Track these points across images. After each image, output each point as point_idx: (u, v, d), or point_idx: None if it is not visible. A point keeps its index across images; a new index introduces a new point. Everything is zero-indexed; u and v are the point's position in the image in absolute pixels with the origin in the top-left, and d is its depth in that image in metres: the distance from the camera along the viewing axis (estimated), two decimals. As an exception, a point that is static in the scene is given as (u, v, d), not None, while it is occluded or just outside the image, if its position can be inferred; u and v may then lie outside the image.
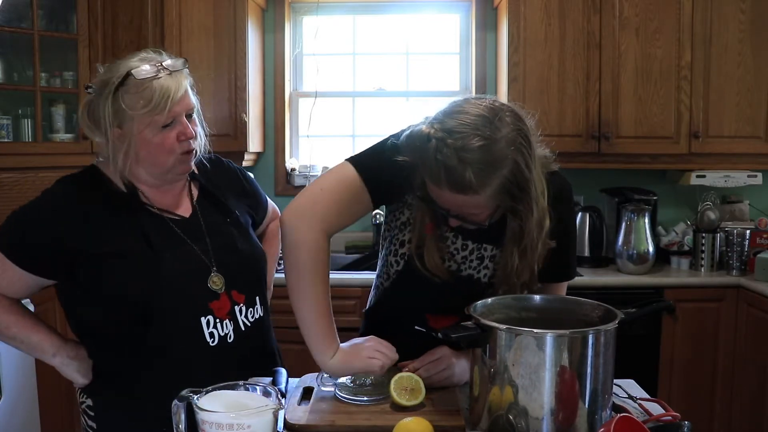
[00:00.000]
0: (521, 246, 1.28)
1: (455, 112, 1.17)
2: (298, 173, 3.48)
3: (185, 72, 1.37)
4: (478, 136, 1.13)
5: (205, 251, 1.39)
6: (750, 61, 3.01)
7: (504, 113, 1.18)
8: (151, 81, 1.29)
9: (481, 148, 1.13)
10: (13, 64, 2.96)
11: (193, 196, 1.47)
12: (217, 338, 1.35)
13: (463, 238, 1.38)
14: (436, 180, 1.17)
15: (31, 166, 2.81)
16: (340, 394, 1.31)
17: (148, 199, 1.39)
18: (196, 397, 0.99)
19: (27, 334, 1.36)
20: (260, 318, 1.45)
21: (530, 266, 1.31)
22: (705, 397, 2.91)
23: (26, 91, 2.91)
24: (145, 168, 1.37)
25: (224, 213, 1.47)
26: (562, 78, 3.01)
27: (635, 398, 1.35)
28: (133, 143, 1.32)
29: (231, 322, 1.38)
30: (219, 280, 1.38)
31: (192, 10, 3.03)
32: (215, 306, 1.36)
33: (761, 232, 3.00)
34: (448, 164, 1.13)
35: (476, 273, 1.40)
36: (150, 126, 1.30)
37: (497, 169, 1.15)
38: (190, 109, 1.36)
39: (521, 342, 1.09)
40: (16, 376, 2.42)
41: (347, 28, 3.61)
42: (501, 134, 1.15)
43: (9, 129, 2.87)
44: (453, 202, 1.20)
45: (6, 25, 2.83)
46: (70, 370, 1.39)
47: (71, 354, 1.38)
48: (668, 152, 3.05)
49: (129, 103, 1.28)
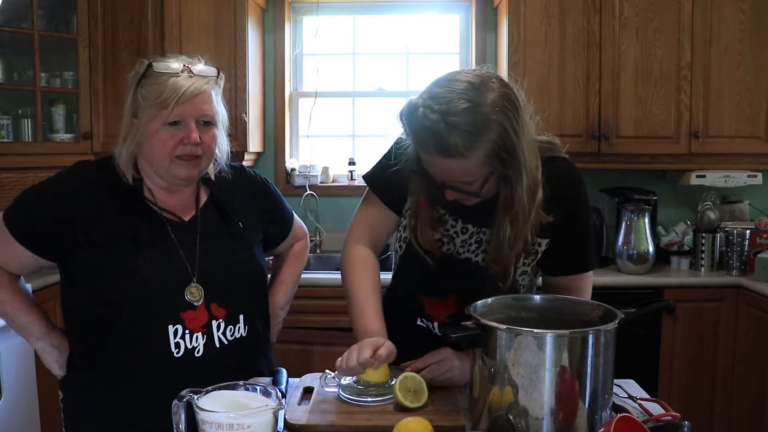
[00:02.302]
0: (512, 212, 1.28)
1: (444, 81, 1.20)
2: (298, 173, 3.48)
3: (212, 80, 1.36)
4: (463, 99, 1.15)
5: (191, 259, 1.36)
6: (750, 61, 3.01)
7: (491, 80, 1.20)
8: (168, 77, 1.31)
9: (466, 111, 1.15)
10: (13, 64, 2.96)
11: (200, 202, 1.45)
12: (183, 350, 1.32)
13: (463, 221, 1.39)
14: (425, 147, 1.19)
15: (31, 166, 2.81)
16: (344, 394, 1.31)
17: (153, 196, 1.39)
18: (196, 397, 0.99)
19: (19, 314, 1.41)
20: (242, 338, 1.40)
21: (523, 235, 1.30)
22: (705, 397, 2.91)
23: (26, 91, 2.91)
24: (148, 164, 1.37)
25: (227, 223, 1.44)
26: (562, 78, 3.01)
27: (635, 398, 1.35)
28: (139, 133, 1.33)
29: (204, 336, 1.34)
30: (197, 291, 1.35)
31: (192, 10, 3.03)
32: (188, 316, 1.33)
33: (761, 232, 3.00)
34: (434, 129, 1.15)
35: (474, 257, 1.40)
36: (156, 119, 1.31)
37: (483, 133, 1.16)
38: (203, 114, 1.33)
39: (521, 342, 1.09)
40: (16, 376, 2.42)
41: (347, 28, 3.61)
42: (487, 98, 1.17)
43: (9, 129, 2.87)
44: (444, 170, 1.21)
45: (6, 25, 2.83)
46: (49, 358, 1.43)
47: (54, 342, 1.42)
48: (668, 152, 3.05)
49: (144, 94, 1.32)
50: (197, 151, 1.34)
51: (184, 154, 1.33)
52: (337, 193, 3.49)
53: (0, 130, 2.84)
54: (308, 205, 3.48)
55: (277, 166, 3.52)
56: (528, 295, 1.33)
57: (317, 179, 3.49)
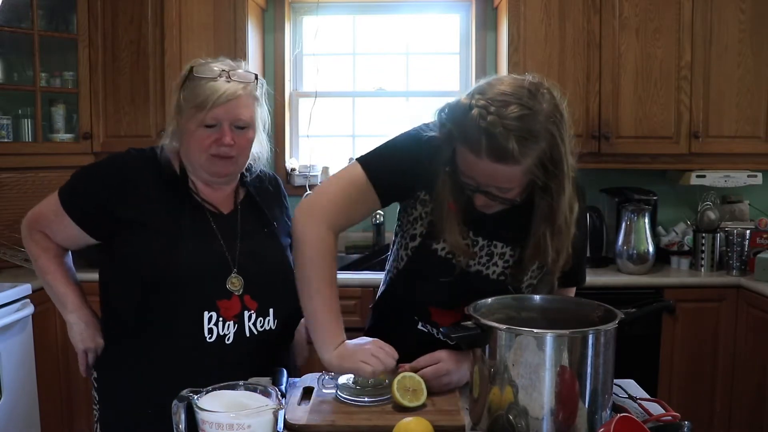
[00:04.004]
0: (555, 226, 1.27)
1: (496, 84, 1.19)
2: (298, 173, 3.48)
3: (250, 85, 1.41)
4: (521, 105, 1.14)
5: (231, 250, 1.43)
6: (750, 61, 3.01)
7: (543, 88, 1.20)
8: (207, 81, 1.37)
9: (524, 118, 1.14)
10: (13, 64, 2.96)
11: (239, 198, 1.52)
12: (215, 336, 1.37)
13: (473, 234, 1.38)
14: (477, 148, 1.16)
15: (31, 166, 2.82)
16: (341, 395, 1.31)
17: (196, 188, 1.47)
18: (196, 397, 0.99)
19: (57, 284, 1.49)
20: (270, 330, 1.44)
21: (567, 249, 1.31)
22: (705, 397, 2.91)
23: (26, 91, 2.92)
24: (186, 159, 1.46)
25: (263, 222, 1.51)
26: (562, 78, 3.01)
27: (635, 398, 1.35)
28: (180, 131, 1.43)
29: (236, 325, 1.39)
30: (238, 281, 1.41)
31: (192, 9, 3.03)
32: (223, 305, 1.38)
33: (761, 232, 3.00)
34: (491, 131, 1.13)
35: (485, 269, 1.39)
36: (193, 120, 1.38)
37: (537, 141, 1.16)
38: (237, 119, 1.39)
39: (521, 342, 1.09)
40: (16, 376, 2.42)
41: (347, 28, 3.61)
42: (541, 106, 1.16)
43: (9, 129, 2.88)
44: (488, 173, 1.19)
45: (6, 25, 2.83)
46: (77, 330, 1.48)
47: (84, 318, 1.49)
48: (668, 152, 3.05)
49: (186, 96, 1.40)
50: (231, 152, 1.41)
51: (216, 153, 1.40)
52: (337, 193, 3.48)
53: (0, 130, 2.84)
54: (308, 205, 3.47)
55: (277, 166, 3.51)
56: (528, 295, 1.33)
57: (317, 179, 3.49)
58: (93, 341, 1.48)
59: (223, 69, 1.39)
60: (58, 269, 1.49)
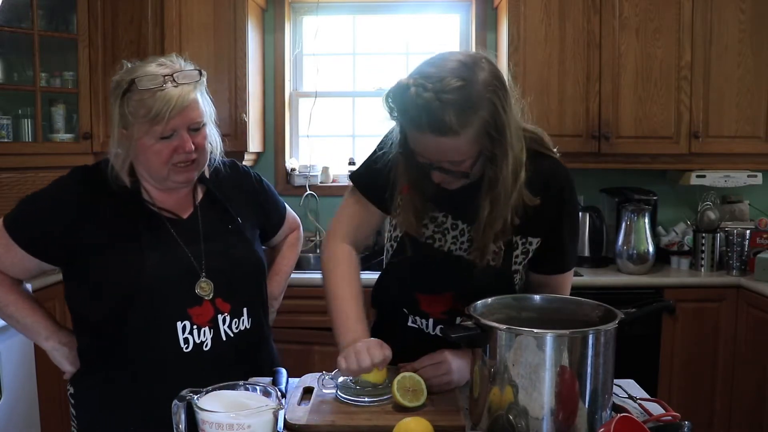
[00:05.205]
0: (494, 192, 1.27)
1: (434, 61, 1.22)
2: (298, 173, 3.48)
3: (197, 84, 1.36)
4: (456, 77, 1.16)
5: (197, 255, 1.40)
6: (750, 61, 3.01)
7: (481, 60, 1.22)
8: (155, 92, 1.30)
9: (460, 89, 1.15)
10: (13, 64, 2.96)
11: (197, 199, 1.47)
12: (192, 345, 1.35)
13: (453, 217, 1.39)
14: (418, 125, 1.18)
15: (31, 166, 2.82)
16: (341, 395, 1.31)
17: (150, 197, 1.42)
18: (196, 397, 0.99)
19: (23, 314, 1.42)
20: (246, 330, 1.44)
21: (503, 216, 1.30)
22: (705, 397, 2.91)
23: (26, 91, 2.91)
24: (145, 171, 1.40)
25: (226, 219, 1.47)
26: (562, 78, 3.01)
27: (635, 398, 1.34)
28: (133, 146, 1.35)
29: (211, 330, 1.37)
30: (207, 286, 1.39)
31: (192, 10, 3.03)
32: (195, 312, 1.36)
33: (761, 232, 3.00)
34: (428, 107, 1.15)
35: (466, 254, 1.39)
36: (149, 134, 1.32)
37: (476, 110, 1.17)
38: (194, 122, 1.36)
39: (521, 342, 1.09)
40: (16, 376, 2.42)
41: (347, 28, 3.61)
42: (478, 77, 1.18)
43: (9, 129, 2.87)
44: (435, 148, 1.21)
45: (6, 25, 2.83)
46: (59, 356, 1.43)
47: (63, 340, 1.43)
48: (668, 152, 3.06)
49: (132, 110, 1.32)
50: (192, 156, 1.37)
51: (179, 161, 1.36)
52: (337, 193, 3.49)
53: (0, 130, 2.84)
54: (308, 205, 3.48)
55: (277, 166, 3.52)
56: (528, 295, 1.33)
57: (317, 179, 3.50)
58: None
59: (166, 73, 1.32)
60: (18, 300, 1.41)
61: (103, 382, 1.39)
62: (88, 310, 1.38)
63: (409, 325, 1.47)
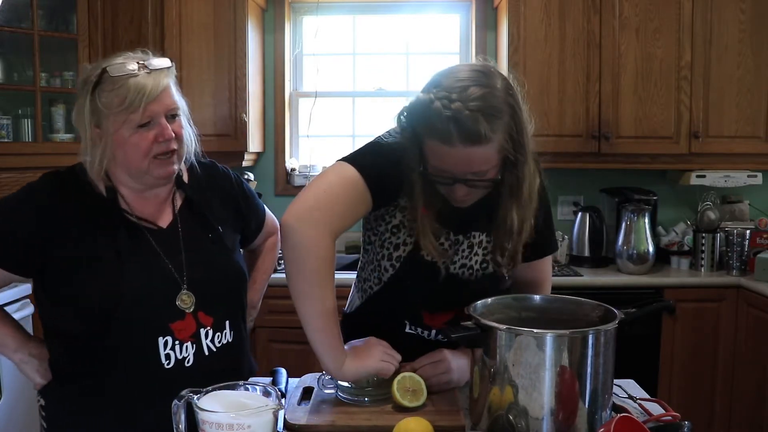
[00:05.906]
0: (521, 197, 1.29)
1: (449, 74, 1.21)
2: (298, 173, 3.48)
3: (169, 72, 1.32)
4: (479, 86, 1.16)
5: (178, 267, 1.33)
6: (750, 61, 3.01)
7: (491, 67, 1.23)
8: (127, 79, 1.25)
9: (484, 97, 1.16)
10: (13, 64, 2.96)
11: (176, 206, 1.40)
12: (174, 361, 1.29)
13: (454, 233, 1.38)
14: (447, 138, 1.17)
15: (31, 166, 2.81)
16: (341, 395, 1.31)
17: (128, 205, 1.34)
18: (196, 397, 0.99)
19: None
20: (229, 344, 1.38)
21: (530, 218, 1.32)
22: (705, 397, 2.91)
23: (26, 91, 2.91)
24: (123, 170, 1.32)
25: (206, 228, 1.41)
26: (562, 78, 3.02)
27: (635, 398, 1.35)
28: (109, 143, 1.28)
29: (194, 345, 1.31)
30: (189, 298, 1.32)
31: (192, 10, 3.03)
32: (177, 327, 1.30)
33: (761, 232, 3.00)
34: (458, 117, 1.15)
35: (468, 261, 1.39)
36: (126, 125, 1.26)
37: (501, 116, 1.18)
38: (170, 109, 1.30)
39: (521, 342, 1.09)
40: (16, 376, 2.42)
41: (347, 28, 3.61)
42: (497, 82, 1.19)
43: (9, 129, 2.87)
44: (465, 159, 1.19)
45: (6, 25, 2.83)
46: (29, 368, 1.36)
47: (33, 352, 1.36)
48: (668, 152, 3.06)
49: (105, 102, 1.26)
50: (172, 146, 1.31)
51: (160, 152, 1.29)
52: (337, 193, 3.48)
53: (0, 130, 2.84)
54: (308, 205, 3.47)
55: (277, 166, 3.51)
56: (528, 295, 1.33)
57: (317, 179, 3.49)
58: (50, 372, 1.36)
59: (138, 62, 1.27)
60: None
61: (77, 395, 1.32)
62: (62, 324, 1.30)
63: (407, 331, 1.46)
